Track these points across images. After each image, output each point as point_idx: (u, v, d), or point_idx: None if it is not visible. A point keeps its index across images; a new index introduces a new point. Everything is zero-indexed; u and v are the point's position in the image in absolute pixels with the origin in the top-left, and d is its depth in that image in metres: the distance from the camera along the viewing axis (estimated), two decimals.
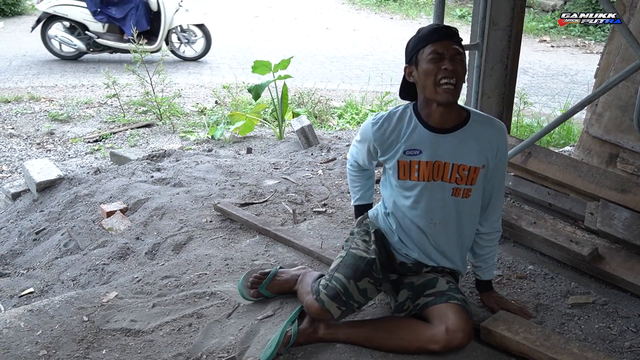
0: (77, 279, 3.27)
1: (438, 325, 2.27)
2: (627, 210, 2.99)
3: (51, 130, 6.63)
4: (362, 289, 2.41)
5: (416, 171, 2.36)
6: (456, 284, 2.48)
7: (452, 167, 2.34)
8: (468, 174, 2.35)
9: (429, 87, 2.26)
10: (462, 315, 2.27)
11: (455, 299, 2.32)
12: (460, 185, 2.36)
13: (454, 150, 2.34)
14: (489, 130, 2.37)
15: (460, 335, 2.23)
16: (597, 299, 2.82)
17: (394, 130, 2.38)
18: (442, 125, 2.34)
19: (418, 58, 2.29)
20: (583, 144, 4.34)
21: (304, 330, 2.42)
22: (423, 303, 2.37)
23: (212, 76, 8.98)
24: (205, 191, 4.02)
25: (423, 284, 2.43)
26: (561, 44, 11.64)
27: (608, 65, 4.20)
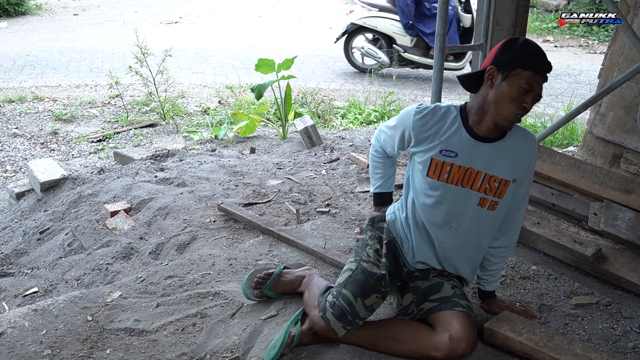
0: (81, 279, 3.27)
1: (442, 332, 2.27)
2: (630, 210, 2.98)
3: (55, 130, 6.64)
4: (368, 306, 2.39)
5: (447, 173, 2.32)
6: (461, 289, 2.46)
7: (484, 177, 2.31)
8: (498, 186, 2.33)
9: (498, 109, 2.23)
10: (467, 323, 2.27)
11: (460, 306, 2.31)
12: (488, 196, 2.34)
13: (489, 161, 2.31)
14: (524, 143, 2.36)
15: (463, 345, 2.23)
16: (600, 299, 2.82)
17: (434, 125, 2.34)
18: (486, 135, 2.31)
19: (510, 74, 2.20)
20: (587, 144, 4.34)
21: (307, 331, 2.42)
22: (427, 308, 2.37)
23: (216, 76, 8.98)
24: (209, 191, 4.02)
25: (428, 287, 2.42)
26: (565, 44, 11.62)
27: (612, 65, 4.20)
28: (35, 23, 12.81)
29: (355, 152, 4.68)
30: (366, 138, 5.53)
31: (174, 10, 14.18)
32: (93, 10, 14.32)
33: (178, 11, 14.06)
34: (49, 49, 10.31)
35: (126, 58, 8.72)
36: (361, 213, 3.63)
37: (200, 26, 12.57)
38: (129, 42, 7.28)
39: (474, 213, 2.36)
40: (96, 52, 10.19)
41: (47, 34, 11.68)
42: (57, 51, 10.22)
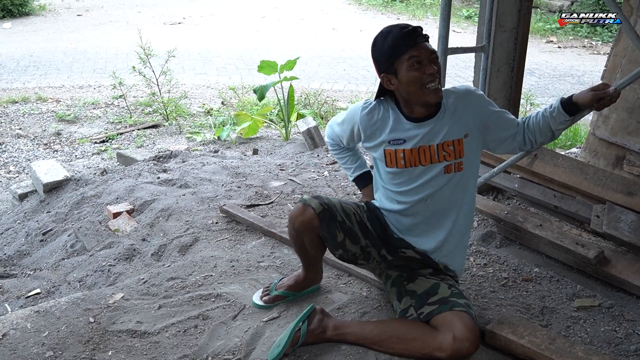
0: (84, 280, 3.28)
1: (445, 332, 2.26)
2: (633, 213, 2.98)
3: (58, 130, 6.65)
4: (346, 211, 2.48)
5: (402, 159, 2.43)
6: (458, 287, 2.48)
7: (437, 147, 2.40)
8: (454, 148, 2.41)
9: (415, 92, 2.33)
10: (469, 323, 2.26)
11: (460, 306, 2.31)
12: (450, 161, 2.42)
13: (435, 133, 2.40)
14: (460, 101, 2.44)
15: (467, 345, 2.22)
16: (602, 302, 2.82)
17: (379, 119, 2.47)
18: (423, 115, 2.41)
19: (396, 67, 2.32)
20: (589, 146, 4.33)
21: (313, 331, 2.42)
22: (427, 312, 2.35)
23: (219, 76, 8.99)
24: (212, 192, 4.02)
25: (425, 292, 2.41)
26: (568, 45, 11.61)
27: (615, 67, 4.19)
28: (39, 24, 12.84)
29: None
30: None
31: (177, 11, 14.20)
32: (97, 11, 14.36)
33: (181, 12, 14.09)
34: (52, 50, 10.33)
35: (129, 59, 8.73)
36: None
37: (204, 27, 12.59)
38: (132, 42, 7.29)
39: (444, 181, 2.44)
40: (99, 52, 10.22)
41: (50, 34, 11.71)
42: (60, 52, 10.25)
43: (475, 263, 3.13)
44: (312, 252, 2.62)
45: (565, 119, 2.50)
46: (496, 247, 3.32)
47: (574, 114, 2.51)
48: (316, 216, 2.43)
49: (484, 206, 3.46)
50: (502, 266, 3.11)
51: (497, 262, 3.14)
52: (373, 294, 2.83)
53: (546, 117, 2.53)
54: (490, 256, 3.19)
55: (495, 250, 3.28)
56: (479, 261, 3.14)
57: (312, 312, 2.49)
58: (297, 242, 2.59)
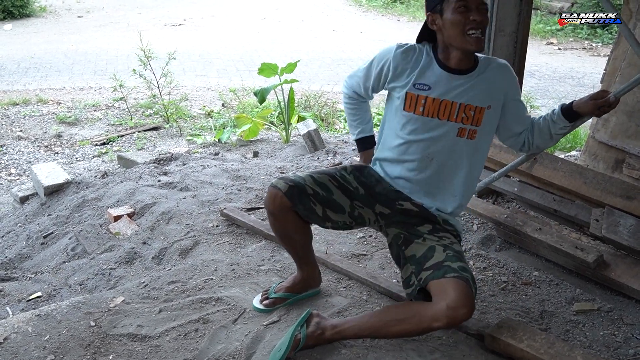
0: (85, 284, 3.29)
1: (439, 302, 2.22)
2: (632, 217, 2.99)
3: (59, 132, 6.66)
4: (319, 182, 2.47)
5: (422, 106, 2.41)
6: (454, 247, 2.43)
7: (459, 106, 2.41)
8: (474, 114, 2.42)
9: (456, 36, 2.34)
10: (461, 289, 2.21)
11: (453, 272, 2.26)
12: (465, 125, 2.43)
13: (462, 91, 2.41)
14: (497, 71, 2.48)
15: (462, 311, 2.19)
16: (602, 305, 2.83)
17: (412, 60, 2.45)
18: (458, 67, 2.42)
19: (443, 7, 2.34)
20: (589, 149, 4.34)
21: (312, 333, 2.42)
22: (424, 277, 2.32)
23: (219, 78, 9.00)
24: (212, 195, 4.03)
25: (423, 255, 2.38)
26: (568, 47, 11.61)
27: (614, 70, 4.20)
28: (39, 25, 12.85)
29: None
30: None
31: (178, 13, 14.21)
32: (97, 12, 14.36)
33: (182, 13, 14.10)
34: (53, 52, 10.34)
35: (130, 60, 8.74)
36: None
37: (204, 28, 12.60)
38: (133, 44, 7.30)
39: (454, 144, 2.45)
40: (100, 54, 10.22)
41: (51, 36, 11.72)
42: (61, 53, 10.26)
43: (474, 267, 3.14)
44: (298, 238, 2.60)
45: (565, 124, 2.53)
46: (496, 250, 3.33)
47: (573, 120, 2.54)
48: (284, 195, 2.41)
49: (483, 210, 3.47)
50: (501, 270, 3.12)
51: (497, 265, 3.15)
52: (373, 298, 2.84)
53: (547, 122, 2.56)
54: (490, 260, 3.19)
55: (495, 253, 3.29)
56: (478, 265, 3.15)
57: (310, 316, 2.49)
58: (279, 231, 2.59)
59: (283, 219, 2.49)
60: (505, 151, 3.46)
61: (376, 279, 2.91)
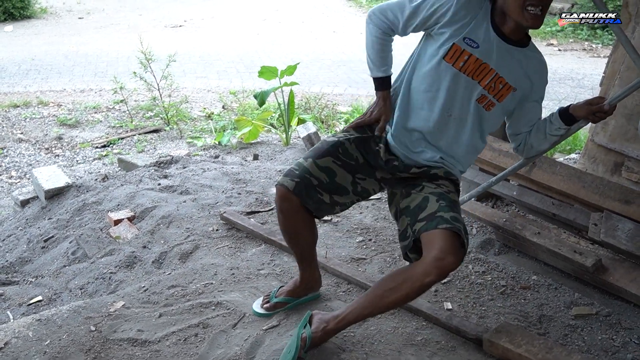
0: (85, 288, 3.30)
1: (427, 255, 2.20)
2: (630, 221, 3.00)
3: (59, 135, 6.68)
4: (323, 167, 2.42)
5: (463, 61, 2.33)
6: (449, 196, 2.40)
7: (494, 75, 2.36)
8: (502, 88, 2.38)
9: (514, 9, 2.25)
10: (449, 238, 2.19)
11: (445, 222, 2.23)
12: (489, 95, 2.39)
13: (503, 61, 2.36)
14: (537, 64, 2.45)
15: (449, 260, 2.16)
16: (600, 310, 2.84)
17: (472, 9, 2.34)
18: (509, 36, 2.35)
19: None
20: (588, 152, 4.35)
21: (317, 329, 2.42)
22: (418, 229, 2.29)
23: (220, 80, 9.01)
24: (212, 199, 4.04)
25: (417, 206, 2.35)
26: (568, 48, 11.62)
27: (613, 74, 4.21)
28: (40, 27, 12.87)
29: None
30: None
31: (178, 14, 14.23)
32: (98, 13, 14.38)
33: (182, 14, 14.11)
34: (54, 53, 10.36)
35: (131, 62, 8.75)
36: (363, 222, 3.65)
37: (205, 30, 12.62)
38: (133, 46, 7.31)
39: (472, 108, 2.41)
40: (101, 56, 10.24)
41: (52, 37, 11.74)
42: (62, 55, 10.27)
43: (474, 271, 3.15)
44: (306, 235, 2.59)
45: (561, 126, 2.53)
46: (495, 254, 3.34)
47: (570, 124, 2.54)
48: (292, 193, 2.39)
49: (482, 213, 3.48)
50: (500, 274, 3.13)
51: (496, 269, 3.16)
52: None
53: (544, 122, 2.57)
54: (489, 264, 3.21)
55: (494, 257, 3.30)
56: (477, 269, 3.16)
57: (311, 317, 2.50)
58: (289, 230, 2.57)
59: (293, 217, 2.48)
60: (504, 155, 3.47)
61: None
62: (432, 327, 2.69)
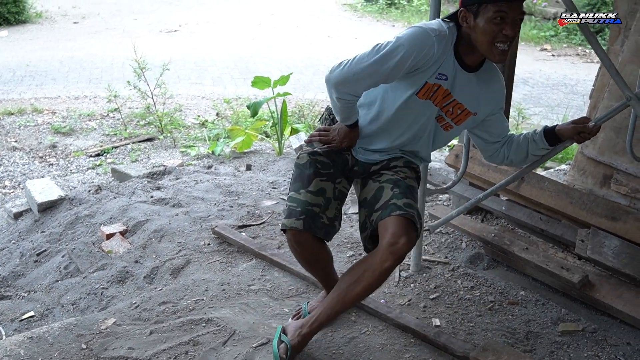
0: (77, 303, 3.32)
1: (381, 243, 2.29)
2: (617, 238, 3.03)
3: (54, 143, 6.68)
4: (315, 191, 2.44)
5: (433, 92, 2.37)
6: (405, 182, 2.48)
7: (453, 101, 2.42)
8: (460, 113, 2.47)
9: (483, 44, 2.25)
10: (400, 223, 2.28)
11: (397, 209, 2.32)
12: (447, 118, 2.48)
13: (464, 89, 2.41)
14: (496, 84, 2.51)
15: (401, 242, 2.25)
16: (587, 326, 2.87)
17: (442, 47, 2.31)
18: (470, 64, 2.39)
19: (479, 11, 2.22)
20: (578, 164, 4.38)
21: (293, 337, 2.48)
22: (374, 219, 2.38)
23: (214, 86, 9.02)
24: (204, 212, 4.07)
25: (373, 196, 2.44)
26: (562, 53, 11.66)
27: (603, 86, 4.24)
28: (35, 32, 12.87)
29: None
30: None
31: (174, 18, 14.23)
32: (93, 18, 14.38)
33: (178, 19, 14.12)
34: (48, 59, 10.36)
35: (125, 68, 8.72)
36: (353, 235, 3.67)
37: (200, 35, 12.63)
38: (128, 51, 7.30)
39: (431, 125, 2.52)
40: (96, 61, 10.24)
41: (47, 42, 11.74)
42: (57, 61, 10.28)
43: (462, 286, 3.18)
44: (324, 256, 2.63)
45: (544, 147, 2.57)
46: (484, 269, 3.37)
47: (554, 144, 2.57)
48: (304, 231, 2.42)
49: (471, 228, 3.51)
50: (489, 289, 3.16)
51: (484, 284, 3.19)
52: (361, 319, 2.89)
53: (526, 140, 2.60)
54: (478, 278, 3.23)
55: (483, 272, 3.33)
56: (466, 284, 3.19)
57: (283, 328, 2.57)
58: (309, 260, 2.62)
59: (309, 249, 2.52)
60: (493, 170, 3.50)
61: (365, 300, 2.94)
62: (421, 344, 2.72)
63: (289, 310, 2.97)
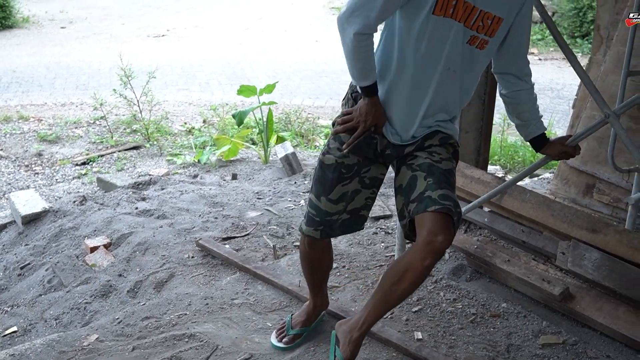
0: (60, 318, 3.31)
1: (418, 241, 2.21)
2: (597, 250, 3.05)
3: (40, 151, 6.66)
4: (337, 199, 2.42)
5: (452, 7, 2.13)
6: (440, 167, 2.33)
7: (479, 13, 2.17)
8: (491, 23, 2.20)
9: None
10: (437, 219, 2.18)
11: (432, 203, 2.19)
12: (479, 34, 2.21)
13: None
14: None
15: (439, 240, 2.16)
16: (567, 338, 2.89)
17: None
18: None
19: None
20: (561, 173, 4.42)
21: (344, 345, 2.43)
22: (411, 210, 2.28)
23: (202, 92, 9.02)
24: (189, 223, 4.07)
25: (408, 185, 2.31)
26: (549, 57, 11.71)
27: (585, 96, 4.28)
28: (22, 37, 12.80)
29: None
30: None
31: (161, 22, 14.18)
32: (80, 22, 14.31)
33: (166, 23, 14.07)
34: (35, 65, 10.31)
35: (112, 74, 8.73)
36: (337, 247, 3.68)
37: (188, 39, 12.60)
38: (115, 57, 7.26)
39: (465, 51, 2.24)
40: (83, 67, 10.21)
41: (34, 48, 11.68)
42: (43, 67, 10.23)
43: (445, 298, 3.19)
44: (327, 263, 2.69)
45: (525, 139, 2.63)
46: (466, 280, 3.39)
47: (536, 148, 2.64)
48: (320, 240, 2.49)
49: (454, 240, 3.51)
50: (471, 301, 3.18)
51: (467, 297, 3.21)
52: None
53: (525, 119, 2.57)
54: (460, 290, 3.25)
55: (465, 284, 3.34)
56: (448, 296, 3.21)
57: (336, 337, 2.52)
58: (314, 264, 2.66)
59: (319, 252, 2.58)
60: (476, 182, 3.52)
61: (347, 313, 2.96)
62: (402, 357, 2.73)
63: (271, 324, 2.97)
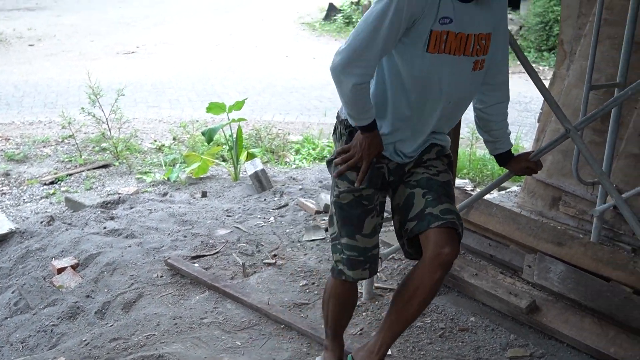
0: (26, 341, 3.26)
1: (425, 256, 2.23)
2: (562, 263, 3.09)
3: (7, 171, 6.57)
4: (369, 233, 2.38)
5: (444, 42, 2.13)
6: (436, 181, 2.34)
7: (475, 38, 2.18)
8: (485, 42, 2.21)
9: None
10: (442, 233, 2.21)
11: (435, 219, 2.22)
12: (479, 57, 2.22)
13: (472, 19, 2.16)
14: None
15: (445, 252, 2.19)
16: (534, 351, 2.92)
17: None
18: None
19: None
20: (527, 186, 4.47)
21: None
22: (410, 228, 2.30)
23: (172, 109, 8.98)
24: (157, 242, 4.04)
25: (404, 203, 2.34)
26: (516, 70, 11.81)
27: (549, 111, 4.34)
28: None
29: (304, 198, 4.75)
30: (317, 179, 5.60)
31: (131, 39, 14.14)
32: (49, 40, 14.21)
33: (135, 40, 14.03)
34: (3, 83, 10.20)
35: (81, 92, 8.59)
36: (307, 264, 3.69)
37: (157, 56, 12.57)
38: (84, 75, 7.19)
39: (470, 79, 2.26)
40: (51, 85, 10.12)
41: (1, 66, 11.56)
42: (11, 85, 10.13)
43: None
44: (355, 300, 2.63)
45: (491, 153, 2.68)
46: None
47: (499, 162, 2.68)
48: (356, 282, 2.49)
49: None
50: (440, 315, 3.20)
51: (435, 311, 3.23)
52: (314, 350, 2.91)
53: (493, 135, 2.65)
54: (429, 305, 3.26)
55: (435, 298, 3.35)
56: None
57: None
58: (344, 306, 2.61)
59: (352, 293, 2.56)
60: None
61: (316, 331, 2.97)
62: None
63: (240, 343, 2.97)
